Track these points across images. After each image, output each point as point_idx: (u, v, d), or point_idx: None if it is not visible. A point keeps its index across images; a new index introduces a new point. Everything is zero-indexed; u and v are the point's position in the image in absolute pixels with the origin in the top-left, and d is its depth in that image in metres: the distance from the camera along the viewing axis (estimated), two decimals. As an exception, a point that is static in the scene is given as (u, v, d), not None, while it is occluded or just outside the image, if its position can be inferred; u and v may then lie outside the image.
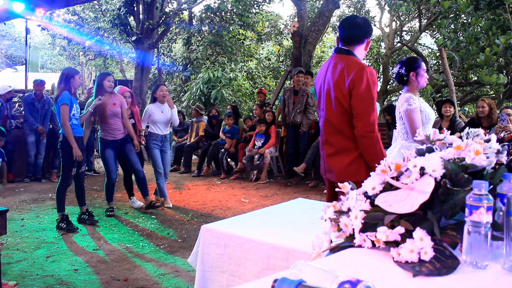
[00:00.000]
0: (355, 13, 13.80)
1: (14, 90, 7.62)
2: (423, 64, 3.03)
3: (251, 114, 9.73)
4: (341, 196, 1.35)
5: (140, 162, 5.10)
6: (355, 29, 2.35)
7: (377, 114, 2.27)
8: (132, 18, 11.35)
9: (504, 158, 1.26)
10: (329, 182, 2.48)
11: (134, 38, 10.74)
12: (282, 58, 15.57)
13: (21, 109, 7.47)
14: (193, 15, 13.48)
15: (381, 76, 13.42)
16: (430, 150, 1.32)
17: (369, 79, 2.21)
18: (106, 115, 4.60)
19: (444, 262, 1.04)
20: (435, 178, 1.16)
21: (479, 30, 6.50)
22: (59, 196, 4.32)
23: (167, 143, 5.32)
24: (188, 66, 13.24)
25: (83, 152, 4.37)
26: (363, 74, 2.21)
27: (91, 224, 4.45)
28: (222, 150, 7.48)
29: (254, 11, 12.79)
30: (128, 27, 11.11)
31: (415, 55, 11.37)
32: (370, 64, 14.09)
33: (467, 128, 1.40)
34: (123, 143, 4.78)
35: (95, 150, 7.89)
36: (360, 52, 2.37)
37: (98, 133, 4.81)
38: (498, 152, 1.25)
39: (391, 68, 12.87)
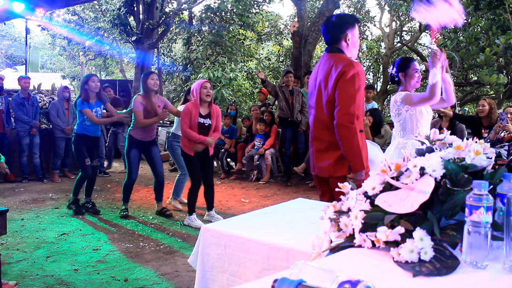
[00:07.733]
0: (355, 13, 13.79)
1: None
2: (414, 65, 3.05)
3: (251, 114, 9.70)
4: (341, 196, 1.35)
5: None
6: (327, 33, 2.44)
7: (359, 107, 2.30)
8: (132, 18, 11.35)
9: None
10: (319, 178, 2.53)
11: (134, 38, 10.75)
12: (282, 58, 15.56)
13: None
14: (193, 15, 13.47)
15: (381, 76, 13.41)
16: (430, 150, 1.32)
17: (356, 74, 2.28)
18: (157, 113, 4.57)
19: (444, 262, 1.04)
20: (435, 178, 1.16)
21: (479, 30, 6.49)
22: (76, 185, 4.85)
23: None
24: (188, 66, 13.23)
25: (96, 149, 4.94)
26: (351, 68, 2.29)
27: (94, 213, 4.85)
28: (222, 150, 7.48)
29: (254, 11, 12.77)
30: (128, 27, 11.11)
31: (415, 55, 11.37)
32: (370, 64, 14.09)
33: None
34: (150, 144, 4.76)
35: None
36: (345, 48, 2.42)
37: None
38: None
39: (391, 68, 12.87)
